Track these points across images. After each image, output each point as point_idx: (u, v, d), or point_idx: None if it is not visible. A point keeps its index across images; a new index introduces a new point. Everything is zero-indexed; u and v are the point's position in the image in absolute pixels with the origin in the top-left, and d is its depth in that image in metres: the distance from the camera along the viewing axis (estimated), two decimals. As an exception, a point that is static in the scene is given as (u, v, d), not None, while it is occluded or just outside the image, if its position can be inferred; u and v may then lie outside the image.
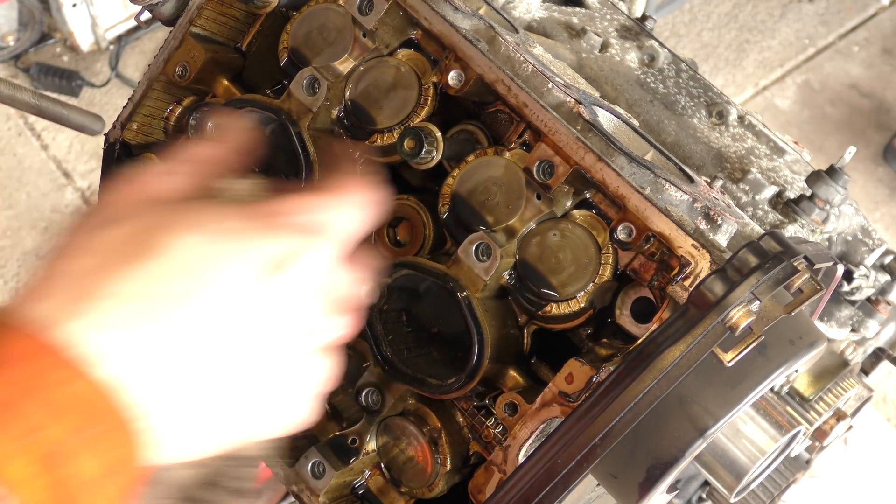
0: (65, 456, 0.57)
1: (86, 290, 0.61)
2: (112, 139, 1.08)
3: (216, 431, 0.66)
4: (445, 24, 0.90)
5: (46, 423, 0.57)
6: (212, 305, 0.62)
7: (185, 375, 0.62)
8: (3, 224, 3.20)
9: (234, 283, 0.63)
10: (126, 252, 0.63)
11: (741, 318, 0.73)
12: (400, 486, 1.00)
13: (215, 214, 0.66)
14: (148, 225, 0.65)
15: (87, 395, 0.58)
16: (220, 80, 1.06)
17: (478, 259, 0.88)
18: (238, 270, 0.63)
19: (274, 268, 0.64)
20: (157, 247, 0.63)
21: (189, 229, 0.64)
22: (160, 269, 0.62)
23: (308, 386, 0.69)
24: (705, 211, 0.83)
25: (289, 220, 0.67)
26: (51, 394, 0.57)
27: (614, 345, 0.86)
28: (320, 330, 0.67)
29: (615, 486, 0.83)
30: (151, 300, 0.61)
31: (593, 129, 0.86)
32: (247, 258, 0.64)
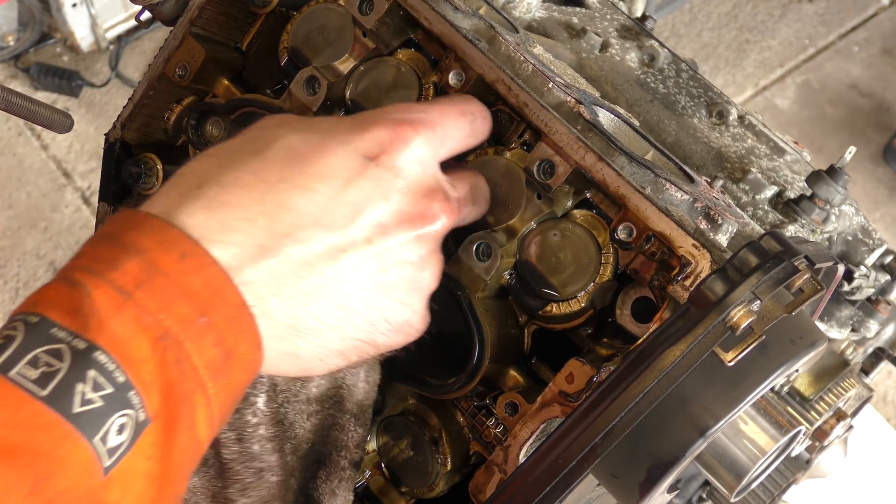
0: (185, 339, 0.60)
1: (202, 181, 0.66)
2: (112, 139, 1.08)
3: (334, 329, 0.69)
4: (446, 23, 0.90)
5: (175, 304, 0.60)
6: (315, 187, 0.67)
7: (296, 256, 0.66)
8: (3, 224, 3.20)
9: (336, 170, 0.67)
10: (239, 151, 0.68)
11: (742, 318, 0.73)
12: (400, 486, 1.00)
13: (322, 118, 0.75)
14: (260, 132, 0.71)
15: (213, 280, 0.62)
16: (221, 80, 1.06)
17: (478, 259, 0.88)
18: (337, 158, 0.68)
19: (371, 156, 0.69)
20: (266, 144, 0.68)
21: (296, 129, 0.70)
22: (267, 160, 0.67)
23: (414, 282, 0.72)
24: (706, 211, 0.83)
25: (389, 116, 0.71)
26: (181, 277, 0.61)
27: (615, 345, 0.86)
28: (419, 218, 0.71)
29: (616, 485, 0.83)
30: (259, 183, 0.66)
31: (594, 129, 0.86)
32: (345, 148, 0.68)
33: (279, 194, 0.66)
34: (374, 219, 0.69)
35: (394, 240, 0.70)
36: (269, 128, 0.71)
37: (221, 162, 0.68)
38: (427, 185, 0.72)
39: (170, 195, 0.66)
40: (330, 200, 0.67)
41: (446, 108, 0.76)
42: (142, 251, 0.61)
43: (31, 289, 3.08)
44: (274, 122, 0.74)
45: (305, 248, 0.66)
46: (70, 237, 3.19)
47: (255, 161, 0.67)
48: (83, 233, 3.19)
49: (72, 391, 0.56)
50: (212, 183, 0.66)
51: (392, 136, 0.70)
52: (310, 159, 0.68)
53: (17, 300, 3.04)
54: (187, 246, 0.63)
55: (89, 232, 3.15)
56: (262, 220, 0.65)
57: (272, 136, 0.69)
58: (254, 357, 0.65)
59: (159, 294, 0.60)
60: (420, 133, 0.71)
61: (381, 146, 0.69)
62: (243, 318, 0.64)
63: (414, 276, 0.72)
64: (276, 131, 0.70)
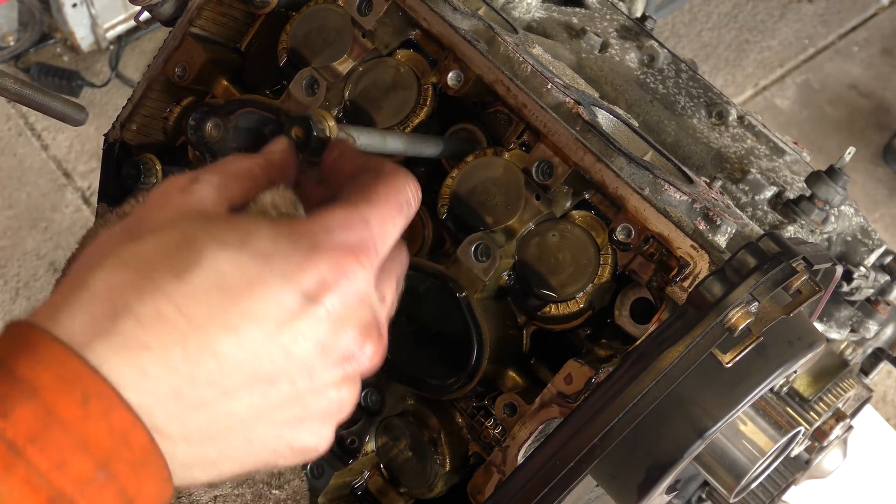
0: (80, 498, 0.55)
1: (116, 309, 0.58)
2: (112, 139, 1.08)
3: (236, 459, 0.64)
4: (444, 24, 0.90)
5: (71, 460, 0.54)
6: (247, 330, 0.60)
7: (213, 402, 0.60)
8: (3, 224, 3.20)
9: (271, 310, 0.60)
10: (159, 267, 0.60)
11: (740, 319, 0.73)
12: (399, 486, 1.00)
13: (253, 232, 0.62)
14: (182, 239, 0.62)
15: (118, 425, 0.56)
16: (220, 81, 1.06)
17: (477, 259, 0.88)
18: (274, 297, 0.60)
19: (311, 296, 0.62)
20: (190, 263, 0.60)
21: (226, 247, 0.61)
22: (193, 288, 0.59)
23: (329, 415, 0.67)
24: (704, 211, 0.83)
25: (328, 240, 0.63)
26: (81, 425, 0.55)
27: (613, 345, 0.86)
28: (348, 359, 0.65)
29: (614, 486, 0.83)
30: (183, 322, 0.58)
31: (592, 130, 0.86)
32: (285, 285, 0.61)
33: (205, 336, 0.59)
34: (303, 363, 0.63)
35: (320, 380, 0.64)
36: (192, 232, 0.62)
37: (139, 282, 0.59)
38: (363, 323, 0.65)
39: (75, 319, 0.58)
40: (259, 344, 0.60)
41: (385, 209, 0.68)
42: (37, 391, 0.54)
43: (31, 289, 3.08)
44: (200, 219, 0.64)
45: (226, 394, 0.60)
46: (70, 237, 3.19)
47: (178, 288, 0.59)
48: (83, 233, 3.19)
49: None
50: (128, 315, 0.57)
51: (335, 273, 0.62)
52: (243, 295, 0.60)
53: (17, 300, 3.04)
54: (92, 385, 0.56)
55: (89, 232, 3.15)
56: (183, 367, 0.58)
57: (197, 253, 0.60)
58: (163, 489, 0.60)
59: (55, 449, 0.54)
60: (363, 264, 0.64)
61: (323, 283, 0.62)
62: (151, 461, 0.58)
63: (330, 408, 0.67)
64: (200, 245, 0.61)
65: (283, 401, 0.63)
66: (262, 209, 0.68)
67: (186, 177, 0.68)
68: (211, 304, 0.59)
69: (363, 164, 0.73)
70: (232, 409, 0.61)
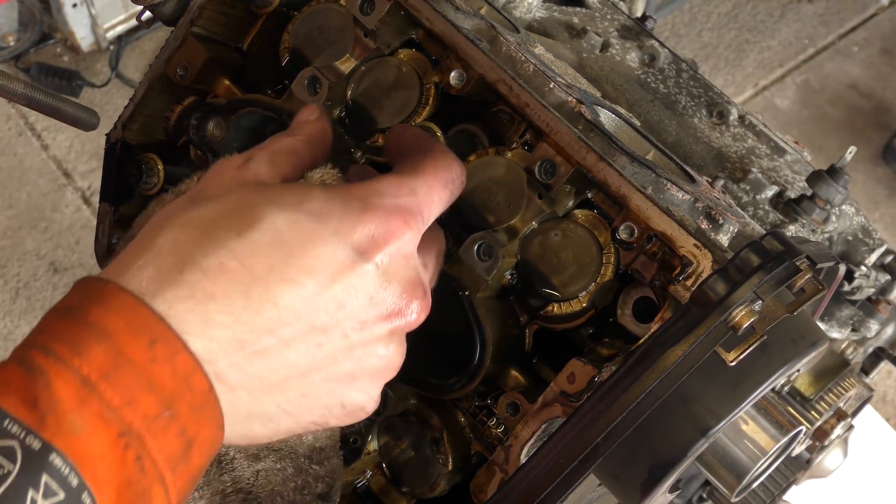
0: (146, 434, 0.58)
1: (182, 262, 0.62)
2: (113, 139, 1.08)
3: (293, 414, 0.67)
4: (447, 23, 0.90)
5: (139, 397, 0.57)
6: (304, 282, 0.64)
7: (272, 351, 0.64)
8: (3, 224, 3.20)
9: (325, 264, 0.64)
10: (220, 226, 0.64)
11: (743, 318, 0.73)
12: (401, 485, 1.00)
13: (308, 194, 0.67)
14: (241, 202, 0.66)
15: (181, 369, 0.59)
16: (221, 80, 1.06)
17: (479, 259, 0.88)
18: (328, 250, 0.65)
19: (362, 251, 0.66)
20: (251, 222, 0.64)
21: (283, 208, 0.65)
22: (254, 244, 0.63)
23: (378, 373, 0.71)
24: (707, 211, 0.83)
25: (378, 202, 0.68)
26: (149, 367, 0.58)
27: (616, 345, 0.86)
28: (396, 315, 0.69)
29: (617, 485, 0.83)
30: (245, 273, 0.62)
31: (595, 129, 0.86)
32: (338, 240, 0.65)
33: (265, 286, 0.63)
34: (355, 315, 0.67)
35: (369, 334, 0.68)
36: (250, 197, 0.67)
37: (202, 239, 0.63)
38: (410, 281, 0.70)
39: (143, 272, 0.61)
40: (315, 295, 0.65)
41: (433, 182, 0.73)
42: (109, 334, 0.58)
43: (31, 289, 3.09)
44: (256, 187, 0.69)
45: (284, 342, 0.64)
46: (70, 237, 3.19)
47: (239, 244, 0.63)
48: (83, 233, 3.19)
49: (22, 499, 0.53)
50: (194, 268, 0.61)
51: (384, 231, 0.67)
52: (299, 249, 0.64)
53: (17, 300, 3.04)
54: (158, 331, 0.59)
55: (90, 232, 3.16)
56: (245, 315, 0.62)
57: (256, 214, 0.65)
58: (216, 438, 0.63)
59: (125, 387, 0.57)
60: (410, 226, 0.69)
61: (373, 240, 0.67)
62: (208, 406, 0.61)
63: (380, 366, 0.71)
64: (260, 207, 0.65)
65: (337, 353, 0.67)
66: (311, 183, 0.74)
67: (240, 156, 0.73)
68: (270, 258, 0.63)
69: (417, 141, 0.79)
70: (290, 358, 0.65)
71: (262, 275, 0.62)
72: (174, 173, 1.06)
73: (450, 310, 0.89)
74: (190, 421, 0.60)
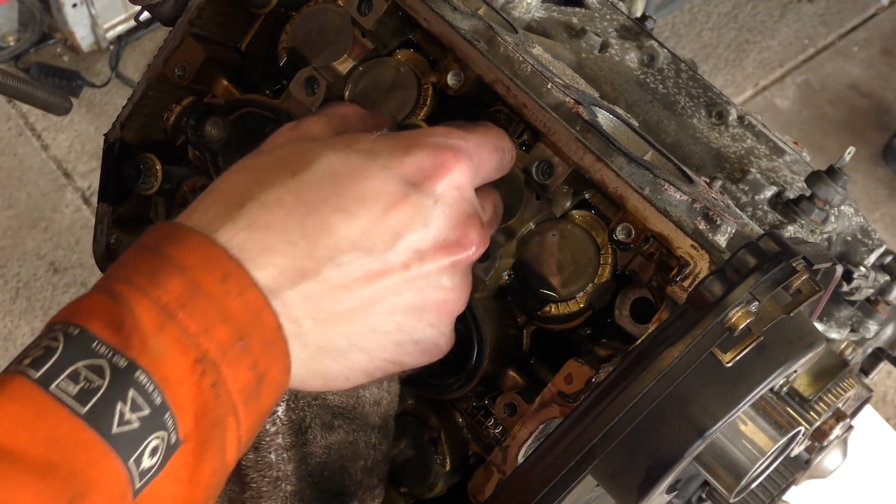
0: (222, 363, 0.60)
1: (242, 198, 0.65)
2: (112, 139, 1.08)
3: (365, 350, 0.69)
4: (444, 24, 0.90)
5: (215, 327, 0.60)
6: (357, 211, 0.66)
7: (333, 279, 0.66)
8: (3, 224, 3.20)
9: (378, 194, 0.67)
10: (277, 168, 0.68)
11: (740, 319, 0.73)
12: (399, 486, 1.00)
13: (358, 138, 0.71)
14: (295, 149, 0.70)
15: (252, 304, 0.62)
16: (220, 80, 1.06)
17: (477, 260, 0.88)
18: (379, 182, 0.67)
19: (414, 182, 0.68)
20: (304, 164, 0.67)
21: (334, 149, 0.69)
22: (308, 181, 0.66)
23: (444, 305, 0.73)
24: (704, 211, 0.83)
25: (428, 140, 0.71)
26: (223, 299, 0.61)
27: (613, 345, 0.86)
28: (454, 245, 0.71)
29: (614, 486, 0.83)
30: (300, 205, 0.65)
31: (592, 130, 0.86)
32: (389, 172, 0.68)
33: (320, 217, 0.65)
34: (412, 245, 0.69)
35: (430, 265, 0.70)
36: (304, 145, 0.71)
37: (260, 179, 0.67)
38: (465, 212, 0.72)
39: (208, 212, 0.65)
40: (370, 225, 0.67)
41: (483, 140, 0.76)
42: (184, 268, 0.61)
43: (31, 289, 3.09)
44: (310, 139, 0.73)
45: (344, 271, 0.66)
46: (70, 237, 3.19)
47: (294, 182, 0.66)
48: (83, 233, 3.19)
49: (111, 411, 0.56)
50: (253, 202, 0.65)
51: (434, 163, 0.70)
52: (351, 182, 0.67)
53: (17, 300, 3.04)
54: (229, 266, 0.62)
55: (90, 232, 3.15)
56: (302, 243, 0.65)
57: (310, 156, 0.68)
58: (283, 379, 0.65)
59: (201, 316, 0.60)
60: (461, 161, 0.71)
61: (423, 171, 0.69)
62: (278, 343, 0.64)
63: (445, 299, 0.73)
64: (313, 150, 0.69)
65: (399, 284, 0.69)
66: None
67: (293, 124, 0.80)
68: (324, 191, 0.66)
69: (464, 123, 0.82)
70: (352, 287, 0.67)
71: (316, 206, 0.65)
72: (173, 173, 1.07)
73: (447, 310, 0.89)
74: (261, 356, 0.62)
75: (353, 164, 0.68)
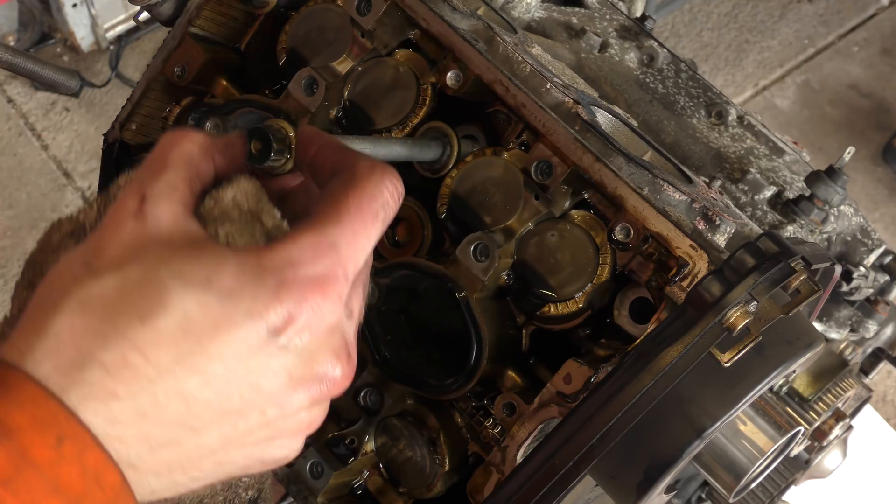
0: None
1: (83, 357, 0.57)
2: (111, 139, 1.08)
3: (205, 479, 0.65)
4: (444, 24, 0.90)
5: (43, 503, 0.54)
6: (215, 371, 0.60)
7: (183, 439, 0.60)
8: (3, 224, 3.20)
9: (238, 349, 0.60)
10: (123, 310, 0.58)
11: (739, 319, 0.73)
12: (398, 486, 1.00)
13: (219, 268, 0.60)
14: (145, 278, 0.60)
15: (91, 466, 0.56)
16: (219, 81, 1.06)
17: (476, 259, 0.88)
18: (240, 334, 0.60)
19: (279, 331, 0.61)
20: (155, 306, 0.59)
21: (191, 286, 0.59)
22: (159, 332, 0.58)
23: (300, 431, 0.67)
24: (704, 211, 0.83)
25: (295, 275, 0.61)
26: (55, 468, 0.55)
27: (612, 345, 0.86)
28: (319, 385, 0.65)
29: (613, 486, 0.83)
30: (149, 368, 0.58)
31: (591, 130, 0.86)
32: (252, 322, 0.60)
33: (174, 380, 0.58)
34: (273, 396, 0.63)
35: (290, 407, 0.64)
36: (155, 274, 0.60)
37: (102, 328, 0.58)
38: (333, 349, 0.65)
39: (47, 361, 0.57)
40: (227, 383, 0.60)
41: (358, 225, 0.65)
42: (11, 432, 0.54)
43: (31, 289, 3.08)
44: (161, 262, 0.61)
45: (195, 431, 0.60)
46: (70, 237, 3.18)
47: (143, 333, 0.58)
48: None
49: None
50: (94, 364, 0.57)
51: (301, 308, 0.61)
52: (209, 335, 0.59)
53: (18, 300, 3.04)
54: (67, 427, 0.55)
55: (89, 232, 3.15)
56: (153, 412, 0.58)
57: (162, 295, 0.59)
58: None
59: (27, 492, 0.53)
60: (330, 296, 0.62)
61: (290, 319, 0.61)
62: (121, 499, 0.58)
63: (300, 426, 0.67)
64: (166, 287, 0.59)
65: (254, 428, 0.63)
66: (225, 211, 0.65)
67: (134, 195, 0.64)
68: (178, 347, 0.58)
69: (335, 155, 0.69)
70: (202, 442, 0.61)
71: (168, 367, 0.58)
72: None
73: (447, 310, 0.89)
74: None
75: (213, 313, 0.59)
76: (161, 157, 0.66)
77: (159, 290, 0.59)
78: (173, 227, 0.63)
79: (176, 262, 0.60)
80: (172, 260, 0.61)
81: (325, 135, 0.71)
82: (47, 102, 3.43)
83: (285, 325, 0.61)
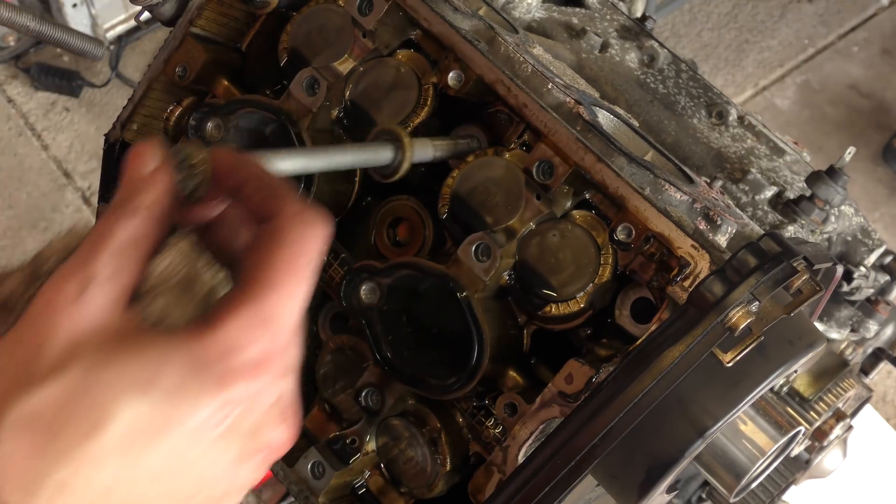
0: None
1: (27, 484, 0.58)
2: (112, 139, 1.08)
3: None
4: (445, 24, 0.90)
5: None
6: (158, 478, 0.61)
7: None
8: (3, 224, 3.20)
9: (183, 450, 0.61)
10: (66, 425, 0.58)
11: (740, 319, 0.73)
12: (400, 486, 1.00)
13: (161, 368, 0.60)
14: (86, 387, 0.59)
15: None
16: (220, 81, 1.06)
17: (477, 259, 0.88)
18: (186, 432, 0.60)
19: (223, 419, 0.62)
20: (97, 418, 0.58)
21: (132, 392, 0.59)
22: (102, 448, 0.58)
23: (245, 491, 0.69)
24: (705, 211, 0.83)
25: (233, 365, 0.61)
26: None
27: (614, 345, 0.86)
28: (263, 452, 0.66)
29: (615, 486, 0.83)
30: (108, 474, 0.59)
31: (593, 130, 0.86)
32: (197, 416, 0.60)
33: (126, 487, 0.59)
34: (221, 478, 0.64)
35: (237, 482, 0.66)
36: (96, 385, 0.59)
37: (45, 451, 0.58)
38: (275, 418, 0.65)
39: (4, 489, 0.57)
40: (179, 476, 0.61)
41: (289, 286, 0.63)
42: None
43: (31, 289, 3.07)
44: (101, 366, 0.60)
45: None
46: (70, 237, 3.18)
47: (90, 450, 0.58)
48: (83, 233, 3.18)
49: None
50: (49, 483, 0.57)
51: (245, 392, 0.62)
52: (157, 436, 0.59)
53: (18, 300, 3.04)
54: None
55: (89, 232, 3.15)
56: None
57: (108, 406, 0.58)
58: None
59: None
60: (270, 373, 0.62)
61: (234, 404, 0.61)
62: None
63: (247, 486, 0.68)
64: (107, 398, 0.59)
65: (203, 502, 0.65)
66: (162, 280, 0.64)
67: (73, 283, 0.62)
68: (126, 455, 0.59)
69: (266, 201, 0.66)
70: None
71: (119, 474, 0.59)
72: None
73: (448, 310, 0.89)
74: None
75: (158, 415, 0.59)
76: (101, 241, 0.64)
77: (101, 400, 0.59)
78: (110, 322, 0.62)
79: (116, 365, 0.60)
80: (112, 362, 0.60)
81: (250, 161, 0.68)
82: (47, 102, 3.43)
83: (230, 412, 0.62)
